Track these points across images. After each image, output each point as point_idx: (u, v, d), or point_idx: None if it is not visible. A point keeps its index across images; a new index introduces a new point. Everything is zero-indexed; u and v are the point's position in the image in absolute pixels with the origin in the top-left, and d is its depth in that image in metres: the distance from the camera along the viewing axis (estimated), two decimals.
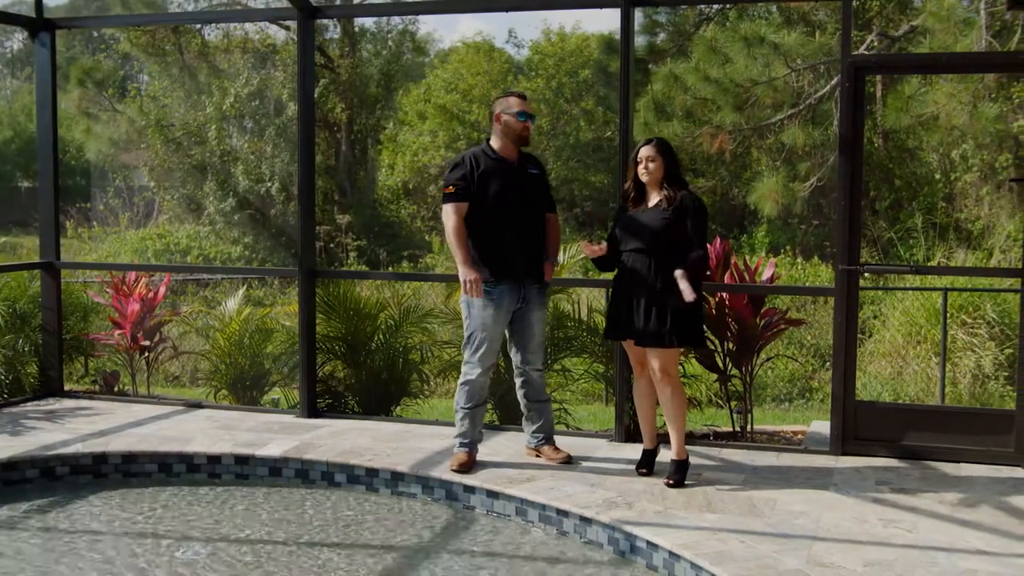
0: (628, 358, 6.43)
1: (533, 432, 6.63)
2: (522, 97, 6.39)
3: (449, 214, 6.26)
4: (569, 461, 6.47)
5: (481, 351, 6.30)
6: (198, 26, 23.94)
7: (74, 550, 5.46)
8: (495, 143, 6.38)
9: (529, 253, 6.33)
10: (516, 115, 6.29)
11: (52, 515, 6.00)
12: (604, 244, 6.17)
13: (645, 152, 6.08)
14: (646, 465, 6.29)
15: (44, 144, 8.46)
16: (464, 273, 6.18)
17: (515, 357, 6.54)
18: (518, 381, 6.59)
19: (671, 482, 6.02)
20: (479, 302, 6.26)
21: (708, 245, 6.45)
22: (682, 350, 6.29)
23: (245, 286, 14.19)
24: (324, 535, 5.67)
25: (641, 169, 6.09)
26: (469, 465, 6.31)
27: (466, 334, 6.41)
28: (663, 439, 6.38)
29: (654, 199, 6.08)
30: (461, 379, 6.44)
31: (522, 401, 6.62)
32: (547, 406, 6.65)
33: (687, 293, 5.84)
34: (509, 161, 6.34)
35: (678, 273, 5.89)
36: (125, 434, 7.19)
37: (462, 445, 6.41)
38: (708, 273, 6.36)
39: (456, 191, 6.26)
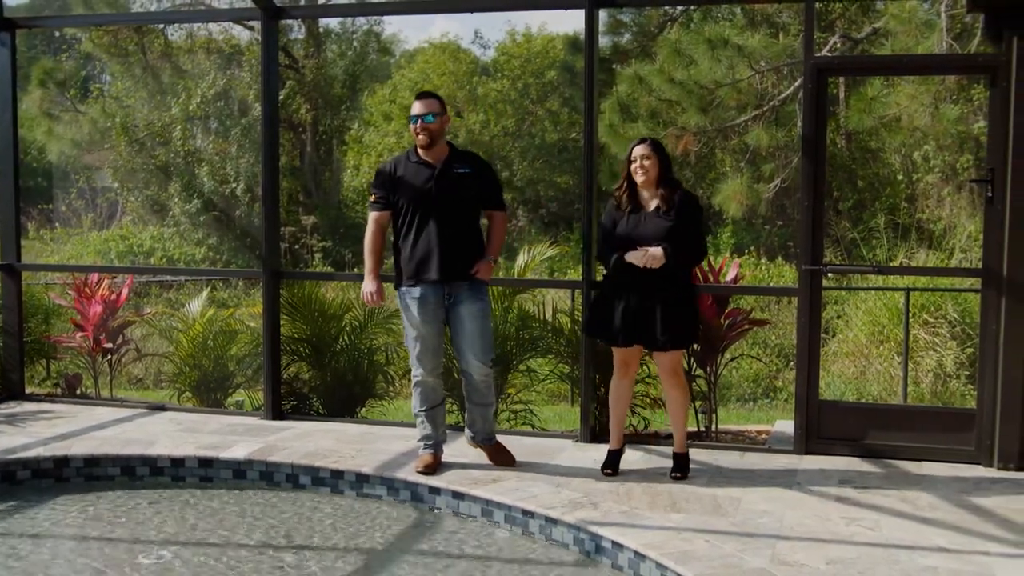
0: (594, 359, 6.44)
1: (472, 430, 6.59)
2: (422, 98, 6.37)
3: (368, 225, 6.42)
4: (509, 464, 6.44)
5: (418, 350, 6.31)
6: (161, 26, 23.76)
7: (36, 555, 5.41)
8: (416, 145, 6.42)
9: (448, 254, 6.22)
10: (409, 119, 6.40)
11: (13, 520, 5.94)
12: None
13: (640, 151, 6.06)
14: (611, 466, 6.30)
15: (4, 145, 8.38)
16: (364, 285, 6.37)
17: (457, 358, 6.51)
18: (463, 382, 6.52)
19: (678, 475, 6.15)
20: (403, 303, 6.34)
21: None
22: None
23: (209, 287, 14.09)
24: (289, 538, 5.64)
25: (635, 168, 6.06)
26: (434, 466, 6.30)
27: (404, 334, 6.47)
28: (628, 439, 6.40)
29: (652, 203, 6.07)
30: (412, 383, 6.46)
31: (467, 400, 6.55)
32: (487, 409, 6.52)
33: (651, 259, 5.90)
34: (431, 163, 6.32)
35: (659, 250, 5.91)
36: (87, 437, 7.13)
37: (426, 447, 6.40)
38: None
39: (375, 200, 6.41)
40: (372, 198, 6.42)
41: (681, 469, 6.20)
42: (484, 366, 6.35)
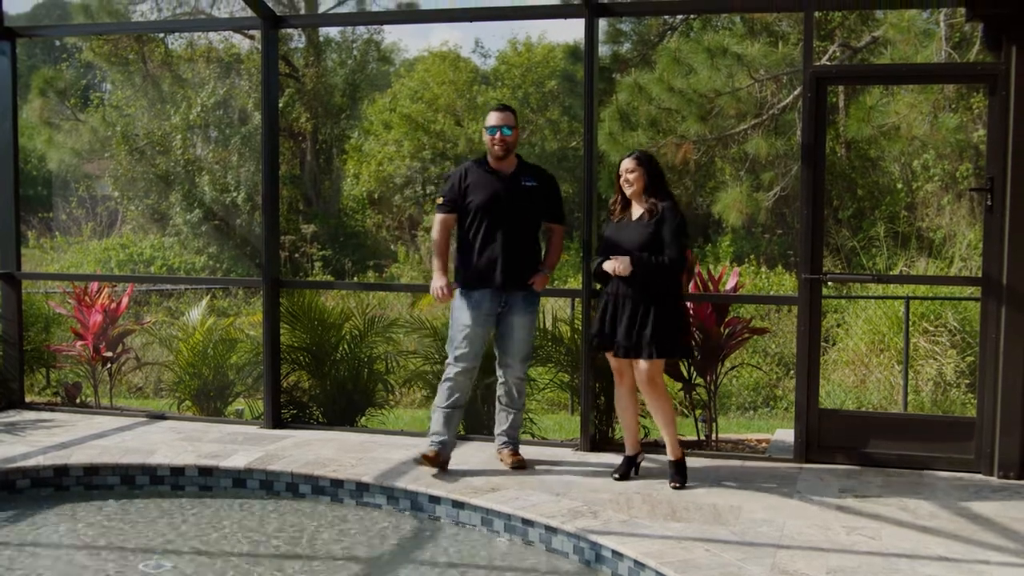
0: (595, 368, 6.46)
1: (498, 433, 6.79)
2: (501, 110, 6.59)
3: (434, 225, 6.65)
4: (521, 467, 6.58)
5: (460, 350, 6.47)
6: (161, 35, 23.77)
7: (35, 564, 5.40)
8: (489, 155, 6.59)
9: (511, 262, 6.45)
10: (487, 129, 6.54)
11: (12, 528, 5.93)
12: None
13: (625, 165, 6.25)
14: (621, 471, 6.34)
15: (5, 154, 8.39)
16: (433, 280, 6.51)
17: (498, 359, 6.70)
18: (498, 382, 6.73)
19: (676, 484, 6.14)
20: (459, 302, 6.53)
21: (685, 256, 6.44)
22: (664, 360, 6.30)
23: (209, 296, 14.11)
24: (289, 547, 5.64)
25: (622, 182, 6.25)
26: (436, 462, 6.39)
27: (449, 333, 6.61)
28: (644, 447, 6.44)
29: (637, 212, 6.20)
30: (443, 378, 6.60)
31: (498, 402, 6.78)
32: (516, 414, 6.76)
33: (620, 265, 6.04)
34: (500, 173, 6.54)
35: (627, 258, 6.01)
36: (87, 446, 7.13)
37: (433, 444, 6.50)
38: (682, 282, 6.39)
39: (443, 203, 6.61)
40: (440, 201, 6.64)
41: (679, 476, 6.20)
42: (522, 371, 6.66)
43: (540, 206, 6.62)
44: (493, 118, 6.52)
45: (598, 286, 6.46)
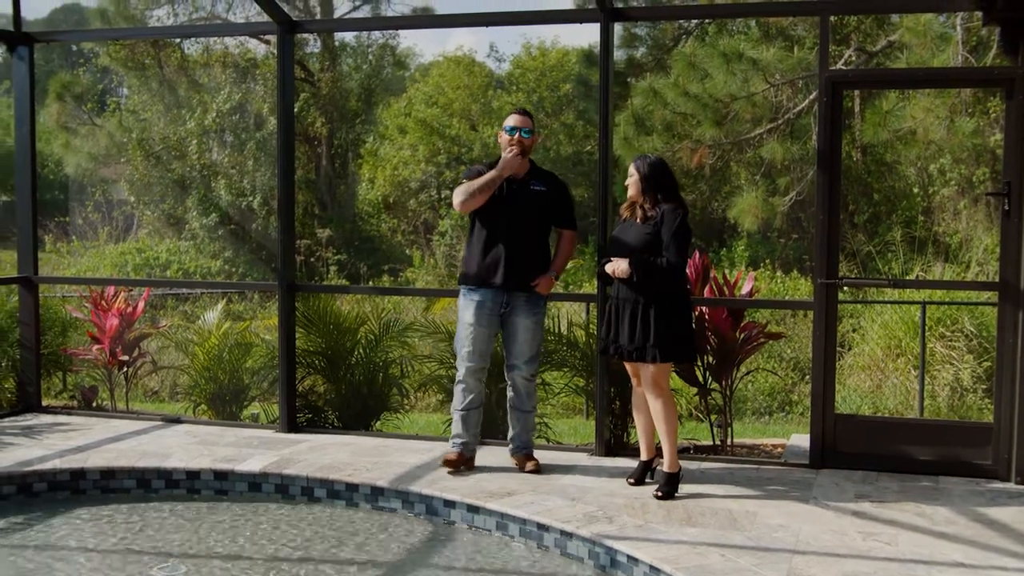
0: (610, 372, 6.45)
1: (511, 437, 6.77)
2: (522, 113, 6.67)
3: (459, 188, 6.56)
4: (536, 471, 6.57)
5: (466, 349, 6.52)
6: (178, 40, 23.86)
7: (51, 567, 5.42)
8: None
9: (513, 263, 6.47)
10: (506, 129, 6.58)
11: (29, 532, 5.96)
12: None
13: (629, 168, 6.27)
14: (636, 476, 6.32)
15: (22, 158, 8.42)
16: (499, 166, 6.46)
17: (505, 361, 6.71)
18: (508, 385, 6.73)
19: (660, 494, 6.05)
20: (463, 302, 6.58)
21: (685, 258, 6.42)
22: (671, 364, 6.28)
23: (225, 300, 14.12)
24: (304, 551, 5.64)
25: (627, 183, 6.29)
26: (458, 463, 6.47)
27: (456, 333, 6.69)
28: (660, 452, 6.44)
29: (640, 214, 6.20)
30: (455, 380, 6.66)
31: (508, 405, 6.77)
32: (526, 417, 6.73)
33: (618, 267, 6.09)
34: (512, 176, 6.56)
35: (625, 261, 6.04)
36: (103, 449, 7.15)
37: (454, 445, 6.58)
38: (689, 287, 6.37)
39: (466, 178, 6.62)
40: (463, 183, 6.55)
41: (668, 486, 6.09)
42: (528, 372, 6.62)
43: (548, 211, 6.64)
44: (513, 120, 6.60)
45: (608, 289, 6.46)
